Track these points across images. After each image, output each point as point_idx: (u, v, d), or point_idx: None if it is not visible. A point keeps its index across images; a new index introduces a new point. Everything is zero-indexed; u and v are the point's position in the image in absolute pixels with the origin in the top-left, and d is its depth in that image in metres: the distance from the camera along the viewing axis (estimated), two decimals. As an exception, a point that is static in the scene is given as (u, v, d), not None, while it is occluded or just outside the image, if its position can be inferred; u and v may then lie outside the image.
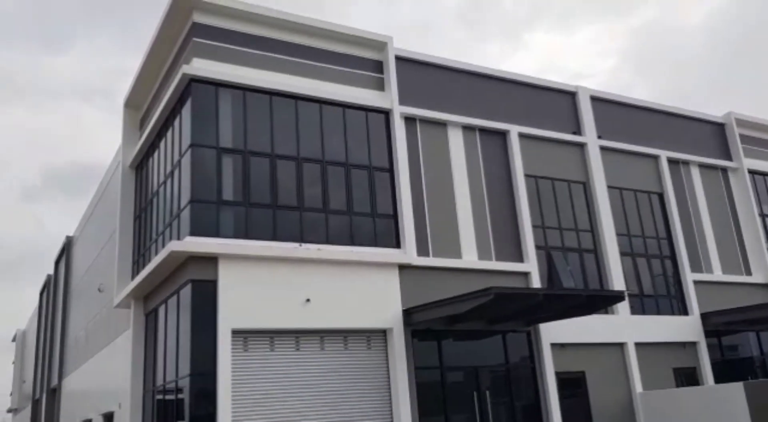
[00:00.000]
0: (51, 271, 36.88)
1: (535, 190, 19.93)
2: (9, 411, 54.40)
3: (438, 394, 16.32)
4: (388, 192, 17.46)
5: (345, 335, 15.77)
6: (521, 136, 19.99)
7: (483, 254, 18.22)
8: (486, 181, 19.13)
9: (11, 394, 52.09)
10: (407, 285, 16.56)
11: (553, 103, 21.28)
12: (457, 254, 17.81)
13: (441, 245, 17.65)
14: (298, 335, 15.20)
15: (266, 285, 14.86)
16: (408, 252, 16.82)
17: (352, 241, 16.49)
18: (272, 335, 14.92)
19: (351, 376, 15.54)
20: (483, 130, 19.59)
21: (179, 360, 14.72)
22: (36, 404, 37.91)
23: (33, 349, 41.58)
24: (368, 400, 15.55)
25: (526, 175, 19.72)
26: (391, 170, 17.63)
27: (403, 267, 16.70)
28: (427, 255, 17.33)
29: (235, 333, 14.28)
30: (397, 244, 17.04)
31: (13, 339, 52.21)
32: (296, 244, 15.58)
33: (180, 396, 14.52)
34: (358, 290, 15.90)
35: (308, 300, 15.13)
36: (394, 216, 17.31)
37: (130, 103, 20.72)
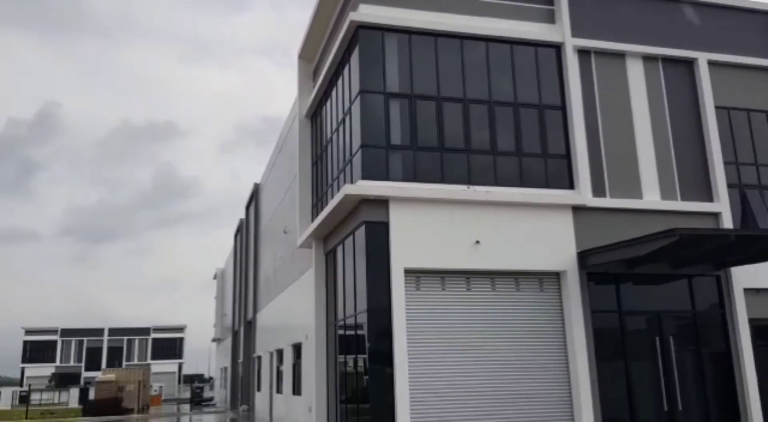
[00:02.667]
0: (243, 216, 40.29)
1: (726, 123, 18.09)
2: (213, 340, 61.07)
3: (616, 339, 15.75)
4: (560, 131, 16.77)
5: (516, 277, 15.65)
6: (711, 64, 18.11)
7: (666, 194, 16.99)
8: (670, 114, 17.67)
9: (214, 326, 58.32)
10: (582, 228, 15.97)
11: (748, 25, 18.92)
12: (637, 194, 16.78)
13: (619, 185, 16.72)
14: (468, 275, 15.35)
15: (436, 227, 15.09)
16: (582, 193, 16.15)
17: (522, 183, 16.15)
18: (443, 275, 15.20)
19: (523, 318, 15.46)
20: (667, 60, 17.99)
21: (357, 297, 15.54)
22: (235, 335, 42.19)
23: (231, 286, 46.06)
24: (541, 342, 15.41)
25: (717, 107, 17.91)
26: (563, 108, 16.88)
27: (577, 209, 16.10)
28: (604, 195, 16.51)
29: (408, 272, 14.73)
30: (571, 185, 16.41)
31: (214, 277, 58.12)
32: (464, 187, 15.57)
33: (359, 331, 15.38)
34: (530, 232, 15.63)
35: (478, 242, 15.16)
36: (567, 156, 16.64)
37: (304, 55, 21.64)
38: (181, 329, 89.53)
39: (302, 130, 21.65)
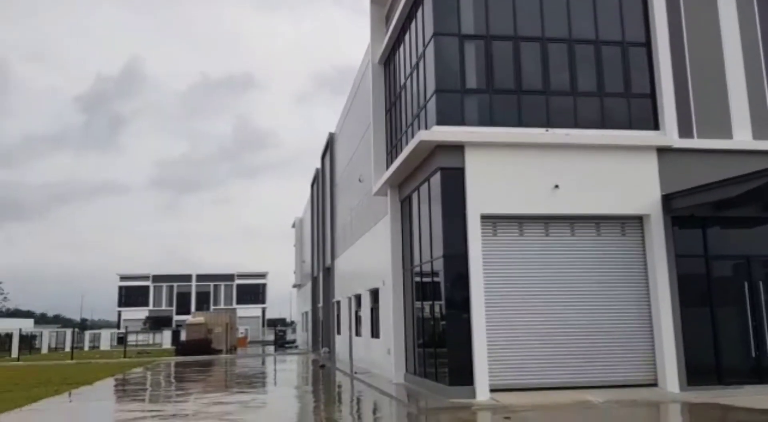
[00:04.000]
0: (319, 165, 40.83)
1: (830, 55, 16.71)
2: (294, 286, 63.09)
3: (702, 285, 15.23)
4: (644, 69, 16.01)
5: (597, 221, 15.28)
6: (814, -11, 16.67)
7: (759, 133, 16.02)
8: (765, 50, 16.49)
9: (294, 272, 60.14)
10: (667, 170, 15.35)
11: None
12: (727, 134, 15.90)
13: (707, 125, 15.87)
14: (547, 221, 15.11)
15: (513, 172, 14.86)
16: (668, 134, 15.46)
17: (604, 124, 15.60)
18: (521, 220, 15.02)
19: (604, 263, 15.16)
20: (763, -13, 16.68)
21: (433, 243, 15.61)
22: (314, 281, 43.41)
23: (309, 234, 47.15)
24: (623, 288, 15.11)
25: (819, 38, 16.56)
26: (647, 44, 16.04)
27: (662, 151, 15.45)
28: (691, 136, 15.73)
29: (484, 217, 14.64)
30: (656, 126, 15.73)
31: (293, 226, 59.63)
32: (543, 130, 15.19)
33: (435, 278, 15.50)
34: (611, 175, 15.16)
35: (557, 186, 14.84)
36: (652, 96, 15.90)
37: (375, 0, 21.30)
38: (263, 275, 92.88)
39: (375, 77, 21.52)
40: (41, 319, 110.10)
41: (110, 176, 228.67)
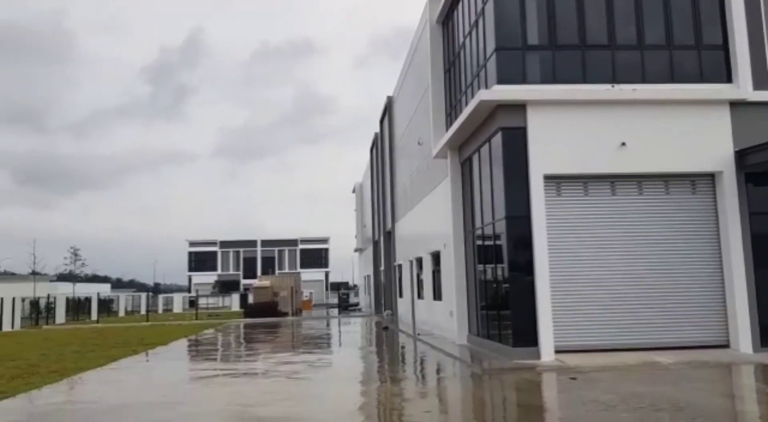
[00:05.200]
0: (377, 129, 40.82)
1: None
2: (355, 250, 63.87)
3: (777, 243, 14.63)
4: (716, 18, 15.23)
5: (666, 179, 14.81)
6: None
7: (844, 82, 15.07)
8: None
9: (356, 237, 60.83)
10: (740, 124, 14.68)
11: None
12: (808, 84, 15.01)
13: (786, 75, 15.01)
14: (613, 180, 14.73)
15: (577, 130, 14.50)
16: (742, 87, 14.74)
17: (673, 79, 15.00)
18: (586, 180, 14.70)
19: (673, 222, 14.73)
20: None
21: (495, 205, 15.47)
22: (375, 245, 43.80)
23: (369, 198, 47.45)
24: (693, 248, 14.67)
25: None
26: (721, -9, 15.21)
27: (735, 104, 14.76)
28: (766, 88, 14.93)
29: (548, 178, 14.39)
30: (728, 78, 15.01)
31: (353, 191, 60.12)
32: (608, 86, 14.71)
33: (498, 240, 15.41)
34: (681, 131, 14.61)
35: (624, 143, 14.41)
36: (724, 47, 15.15)
37: (432, -43, 20.86)
38: (325, 240, 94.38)
39: (433, 37, 21.18)
40: (117, 284, 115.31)
41: (177, 145, 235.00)
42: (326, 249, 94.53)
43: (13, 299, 38.75)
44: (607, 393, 9.90)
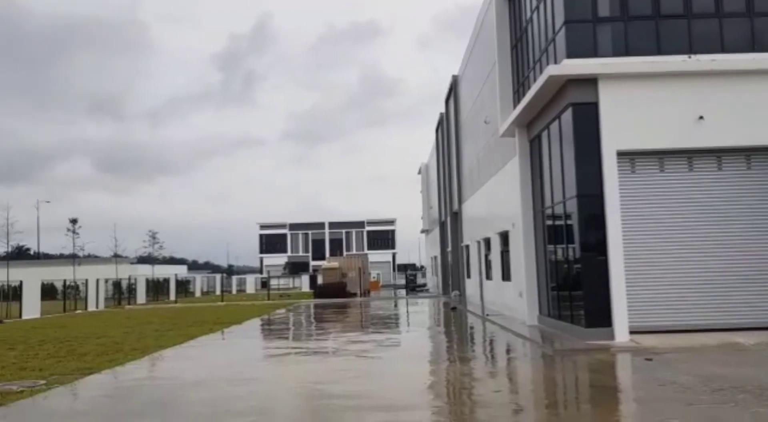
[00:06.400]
0: (443, 110, 40.50)
1: None
2: (422, 231, 63.88)
3: None
4: (804, -21, 14.27)
5: (747, 154, 14.11)
6: None
7: None
8: None
9: (422, 218, 60.79)
10: (831, 93, 13.79)
11: None
12: None
13: None
14: (690, 155, 14.14)
15: (652, 104, 13.97)
16: (832, 53, 13.82)
17: (754, 48, 14.21)
18: (661, 155, 14.16)
19: (755, 198, 14.03)
20: None
21: (565, 183, 15.12)
22: (442, 226, 43.68)
23: (435, 179, 47.28)
24: (777, 224, 13.96)
25: None
26: (809, -49, 14.25)
27: (825, 71, 13.87)
28: None
29: (621, 154, 13.94)
30: (818, 44, 14.10)
31: (419, 172, 59.98)
32: (685, 57, 14.07)
33: (568, 220, 15.07)
34: (764, 103, 13.86)
35: (701, 117, 13.80)
36: (814, 10, 14.20)
37: (498, -70, 20.37)
38: (392, 222, 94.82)
39: (499, 12, 20.75)
40: (193, 266, 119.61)
41: (247, 130, 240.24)
42: (393, 231, 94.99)
43: (97, 280, 40.76)
44: (685, 375, 9.60)
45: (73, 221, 65.12)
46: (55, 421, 8.25)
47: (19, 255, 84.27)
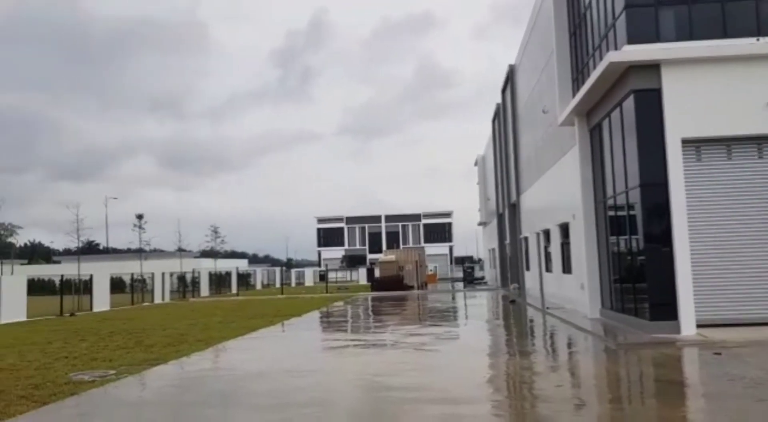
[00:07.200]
0: (499, 100, 39.99)
1: None
2: (479, 224, 63.35)
3: None
4: None
5: (823, 139, 13.42)
6: None
7: None
8: None
9: (479, 210, 60.26)
10: None
11: None
12: None
13: None
14: (760, 141, 13.55)
15: (718, 89, 13.44)
16: None
17: (830, 26, 13.47)
18: (728, 143, 13.62)
19: (832, 186, 13.35)
20: None
21: (627, 172, 14.71)
22: (500, 218, 43.20)
23: (492, 171, 46.77)
24: None
25: None
26: None
27: None
28: None
29: (686, 142, 13.47)
30: None
31: (475, 164, 59.45)
32: (752, 40, 13.48)
33: (631, 210, 14.67)
34: (842, 84, 13.13)
35: (772, 101, 13.19)
36: None
37: None
38: (448, 214, 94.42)
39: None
40: (253, 259, 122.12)
41: (304, 125, 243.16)
42: (449, 224, 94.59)
43: (163, 274, 42.08)
44: (756, 370, 9.22)
45: (139, 217, 67.44)
46: (124, 410, 8.55)
47: (89, 250, 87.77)
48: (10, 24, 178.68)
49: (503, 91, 37.72)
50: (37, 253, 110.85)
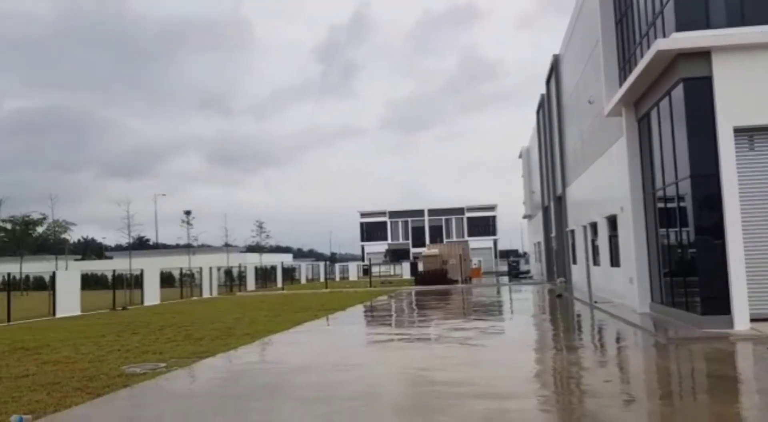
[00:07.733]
0: (544, 91, 39.41)
1: None
2: (524, 217, 62.69)
3: None
4: None
5: None
6: None
7: None
8: None
9: (524, 203, 59.62)
10: None
11: None
12: None
13: None
14: (818, 129, 13.02)
15: (774, 75, 12.94)
16: None
17: None
18: (784, 131, 13.13)
19: None
20: None
21: (677, 163, 14.33)
22: (545, 210, 42.64)
23: (536, 163, 46.17)
24: None
25: None
26: None
27: None
28: None
29: (738, 131, 13.04)
30: None
31: (519, 156, 58.78)
32: (811, 22, 12.94)
33: (681, 202, 14.29)
34: None
35: (832, 87, 12.65)
36: None
37: None
38: (492, 208, 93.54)
39: (602, -13, 19.89)
40: (298, 254, 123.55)
41: (347, 120, 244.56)
42: (494, 217, 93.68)
43: (210, 269, 42.91)
44: (816, 367, 8.89)
45: (187, 212, 68.70)
46: (175, 402, 8.75)
47: (140, 245, 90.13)
48: (63, 27, 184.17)
49: (548, 81, 37.16)
50: (90, 249, 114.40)
